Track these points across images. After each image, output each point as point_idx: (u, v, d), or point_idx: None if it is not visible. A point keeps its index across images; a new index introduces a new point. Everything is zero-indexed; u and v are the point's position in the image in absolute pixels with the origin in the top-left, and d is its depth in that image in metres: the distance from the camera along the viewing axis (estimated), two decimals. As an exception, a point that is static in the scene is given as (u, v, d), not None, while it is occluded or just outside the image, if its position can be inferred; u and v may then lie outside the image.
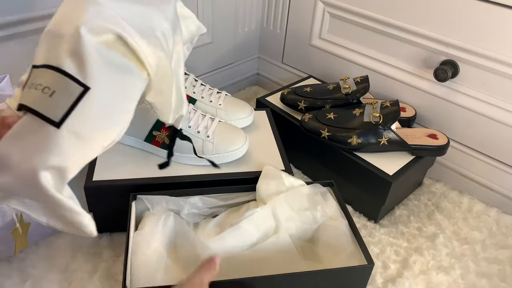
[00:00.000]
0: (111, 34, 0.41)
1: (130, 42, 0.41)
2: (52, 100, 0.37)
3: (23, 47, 0.80)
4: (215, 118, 0.79)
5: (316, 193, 0.74)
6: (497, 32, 0.81)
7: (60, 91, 0.37)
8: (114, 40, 0.41)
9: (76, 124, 0.37)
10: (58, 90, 0.37)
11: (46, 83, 0.37)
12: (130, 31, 0.41)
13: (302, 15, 1.12)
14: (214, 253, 0.64)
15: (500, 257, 0.81)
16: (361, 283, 0.66)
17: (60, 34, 0.40)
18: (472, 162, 0.93)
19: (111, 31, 0.41)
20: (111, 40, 0.41)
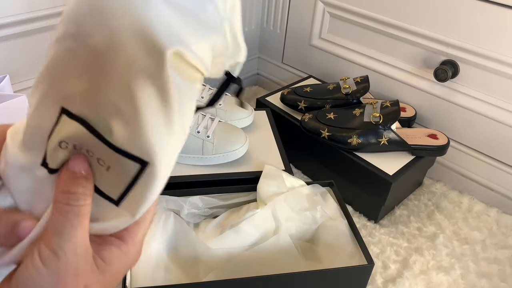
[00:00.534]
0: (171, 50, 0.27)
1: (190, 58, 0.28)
2: (109, 175, 0.29)
3: (23, 47, 0.80)
4: (215, 118, 0.79)
5: (316, 193, 0.74)
6: (497, 32, 0.81)
7: (115, 167, 0.29)
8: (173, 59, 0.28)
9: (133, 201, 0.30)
10: (113, 166, 0.29)
11: (97, 153, 0.28)
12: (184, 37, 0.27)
13: (302, 15, 1.12)
14: (215, 253, 0.64)
15: (500, 257, 0.80)
16: (361, 283, 0.66)
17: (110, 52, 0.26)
18: (472, 162, 0.93)
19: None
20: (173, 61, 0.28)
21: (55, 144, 0.29)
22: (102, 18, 0.26)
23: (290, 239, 0.67)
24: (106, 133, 0.27)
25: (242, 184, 0.74)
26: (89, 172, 0.29)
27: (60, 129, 0.28)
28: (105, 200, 0.30)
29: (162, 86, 0.26)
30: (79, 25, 0.27)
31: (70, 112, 0.28)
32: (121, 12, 0.26)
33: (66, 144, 0.28)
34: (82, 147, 0.29)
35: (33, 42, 0.81)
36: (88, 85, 0.27)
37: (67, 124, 0.28)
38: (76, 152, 0.29)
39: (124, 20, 0.26)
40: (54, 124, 0.28)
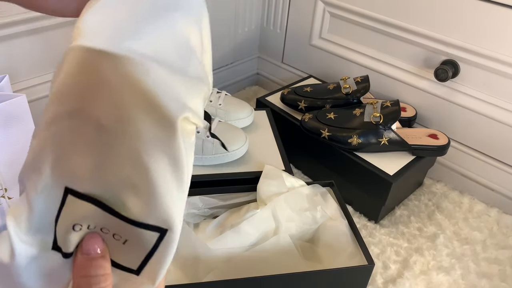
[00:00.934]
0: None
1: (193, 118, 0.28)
2: (126, 248, 0.28)
3: (23, 47, 0.80)
4: (215, 118, 0.79)
5: (316, 194, 0.74)
6: (498, 32, 0.81)
7: (132, 239, 0.28)
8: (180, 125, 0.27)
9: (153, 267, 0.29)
10: (131, 239, 0.28)
11: (112, 229, 0.27)
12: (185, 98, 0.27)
13: (302, 15, 1.12)
14: (215, 253, 0.64)
15: (500, 257, 0.80)
16: (361, 283, 0.66)
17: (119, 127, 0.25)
18: (473, 162, 0.93)
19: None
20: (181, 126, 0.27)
21: (66, 227, 0.27)
22: (105, 92, 0.25)
23: (290, 239, 0.67)
24: (121, 208, 0.27)
25: (242, 184, 0.74)
26: (106, 250, 0.28)
27: (69, 211, 0.27)
28: (125, 272, 0.29)
29: (174, 154, 0.26)
30: (79, 101, 0.25)
31: (77, 192, 0.26)
32: (123, 83, 0.25)
33: (80, 226, 0.27)
34: (97, 226, 0.28)
35: (33, 42, 0.81)
36: (95, 161, 0.26)
37: (76, 204, 0.27)
38: (90, 231, 0.28)
39: (129, 93, 0.25)
40: (59, 206, 0.27)
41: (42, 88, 0.86)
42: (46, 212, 0.27)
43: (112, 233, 0.28)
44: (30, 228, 0.27)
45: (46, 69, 0.85)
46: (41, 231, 0.27)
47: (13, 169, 0.64)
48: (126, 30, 0.26)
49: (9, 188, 0.64)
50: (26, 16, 0.77)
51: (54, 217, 0.27)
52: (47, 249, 0.28)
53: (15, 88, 0.81)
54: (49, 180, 0.26)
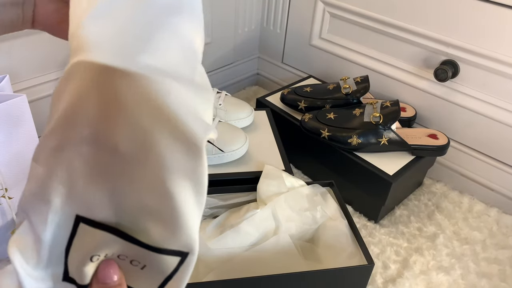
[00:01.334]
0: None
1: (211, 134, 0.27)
2: (144, 273, 0.27)
3: (23, 47, 0.80)
4: (215, 118, 0.79)
5: (316, 194, 0.74)
6: (497, 32, 0.81)
7: (151, 265, 0.26)
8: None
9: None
10: (150, 264, 0.26)
11: (131, 255, 0.26)
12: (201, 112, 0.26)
13: (302, 15, 1.12)
14: (215, 253, 0.64)
15: (500, 257, 0.80)
16: (361, 283, 0.66)
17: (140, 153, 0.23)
18: (472, 162, 0.93)
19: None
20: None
21: (82, 258, 0.26)
22: (123, 116, 0.22)
23: (290, 239, 0.67)
24: (141, 235, 0.25)
25: (242, 184, 0.74)
26: (122, 277, 0.27)
27: (83, 241, 0.25)
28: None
29: (198, 178, 0.25)
30: (93, 126, 0.23)
31: (90, 220, 0.25)
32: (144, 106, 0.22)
33: (98, 256, 0.26)
34: (114, 253, 0.26)
35: (33, 42, 0.81)
36: (112, 189, 0.24)
37: (90, 233, 0.25)
38: (106, 258, 0.26)
39: (150, 116, 0.22)
40: (70, 235, 0.25)
41: (42, 88, 0.86)
42: (55, 243, 0.25)
43: (130, 260, 0.26)
44: (39, 261, 0.25)
45: (46, 69, 0.86)
46: (51, 264, 0.26)
47: (13, 169, 0.64)
48: (135, 39, 0.23)
49: (9, 188, 0.65)
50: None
51: (64, 248, 0.26)
52: (58, 281, 0.27)
53: (15, 88, 0.81)
54: (59, 210, 0.24)
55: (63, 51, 0.86)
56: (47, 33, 0.32)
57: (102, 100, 0.22)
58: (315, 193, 0.74)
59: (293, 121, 0.94)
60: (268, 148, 0.84)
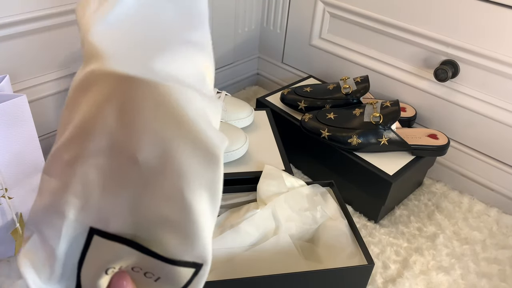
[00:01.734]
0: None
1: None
2: (157, 285, 0.27)
3: (23, 47, 0.80)
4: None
5: (316, 193, 0.74)
6: (497, 32, 0.81)
7: (166, 277, 0.26)
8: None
9: None
10: (164, 276, 0.26)
11: (145, 267, 0.26)
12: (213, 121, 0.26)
13: (302, 15, 1.12)
14: (214, 253, 0.64)
15: (500, 257, 0.80)
16: (361, 283, 0.66)
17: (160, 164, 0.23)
18: (472, 162, 0.93)
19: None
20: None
21: (97, 271, 0.25)
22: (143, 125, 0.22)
23: (290, 239, 0.67)
24: (157, 246, 0.25)
25: (242, 184, 0.74)
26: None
27: (97, 253, 0.25)
28: None
29: (215, 189, 0.24)
30: (112, 137, 0.22)
31: (105, 232, 0.24)
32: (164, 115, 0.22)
33: (113, 269, 0.25)
34: (128, 265, 0.26)
35: (33, 42, 0.81)
36: (129, 200, 0.24)
37: (104, 245, 0.24)
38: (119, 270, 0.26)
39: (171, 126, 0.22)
40: (83, 248, 0.25)
41: (42, 88, 0.86)
42: (68, 256, 0.25)
43: (144, 272, 0.26)
44: (52, 276, 0.25)
45: (46, 69, 0.86)
46: (64, 278, 0.25)
47: (13, 169, 0.64)
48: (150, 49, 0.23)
49: (9, 188, 0.65)
50: (26, 16, 0.77)
51: (77, 261, 0.25)
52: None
53: (15, 88, 0.81)
54: (72, 223, 0.24)
55: (63, 51, 0.86)
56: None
57: (121, 109, 0.22)
58: (315, 193, 0.74)
59: (293, 121, 0.94)
60: (268, 148, 0.84)
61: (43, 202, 0.24)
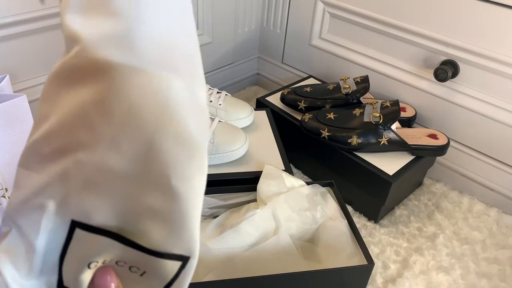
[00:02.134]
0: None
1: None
2: (144, 280, 0.26)
3: (23, 47, 0.80)
4: (215, 118, 0.79)
5: (316, 193, 0.74)
6: (497, 32, 0.81)
7: (152, 271, 0.25)
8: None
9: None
10: (150, 270, 0.25)
11: (130, 261, 0.25)
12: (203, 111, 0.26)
13: (302, 15, 1.12)
14: (214, 253, 0.64)
15: (500, 257, 0.80)
16: (361, 283, 0.66)
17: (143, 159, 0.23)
18: (472, 162, 0.93)
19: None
20: None
21: (79, 266, 0.24)
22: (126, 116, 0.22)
23: (290, 239, 0.67)
24: (141, 239, 0.24)
25: (242, 184, 0.74)
26: (120, 285, 0.26)
27: (79, 247, 0.24)
28: None
29: (201, 179, 0.24)
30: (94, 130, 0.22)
31: (87, 225, 0.23)
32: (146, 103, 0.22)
33: (96, 263, 0.25)
34: (112, 259, 0.25)
35: (33, 42, 0.81)
36: (114, 191, 0.23)
37: (86, 239, 0.24)
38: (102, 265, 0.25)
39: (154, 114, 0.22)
40: (65, 242, 0.24)
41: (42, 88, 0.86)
42: (49, 250, 0.24)
43: (129, 266, 0.25)
44: (31, 270, 0.24)
45: (46, 69, 0.86)
46: (44, 273, 0.24)
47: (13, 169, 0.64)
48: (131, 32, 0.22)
49: (9, 188, 0.65)
50: (26, 16, 0.77)
51: (58, 255, 0.24)
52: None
53: (16, 88, 0.81)
54: (53, 216, 0.23)
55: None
56: None
57: (103, 99, 0.22)
58: (315, 193, 0.74)
59: (293, 121, 0.94)
60: (268, 148, 0.84)
61: (20, 196, 0.23)
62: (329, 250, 0.67)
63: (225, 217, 0.71)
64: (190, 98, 0.24)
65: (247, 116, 0.87)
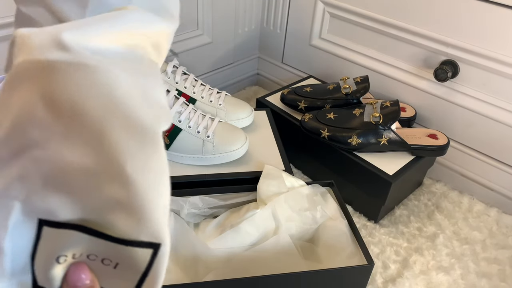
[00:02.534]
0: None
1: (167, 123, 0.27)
2: (118, 272, 0.26)
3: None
4: (215, 118, 0.79)
5: (316, 193, 0.74)
6: (497, 32, 0.81)
7: (124, 262, 0.25)
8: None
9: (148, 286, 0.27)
10: (122, 261, 0.25)
11: (101, 253, 0.25)
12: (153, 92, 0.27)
13: (302, 15, 1.12)
14: (214, 253, 0.64)
15: (500, 257, 0.80)
16: (361, 283, 0.66)
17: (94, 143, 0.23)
18: (472, 162, 0.93)
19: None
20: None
21: (48, 262, 0.24)
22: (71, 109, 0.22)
23: (290, 239, 0.67)
24: (108, 228, 0.24)
25: (242, 184, 0.74)
26: (94, 279, 0.26)
27: (48, 244, 0.24)
28: None
29: (160, 167, 0.25)
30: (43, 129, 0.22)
31: (54, 222, 0.23)
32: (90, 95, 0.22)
33: (64, 257, 0.25)
34: (82, 253, 0.25)
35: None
36: (72, 186, 0.23)
37: (55, 235, 0.24)
38: (75, 261, 0.25)
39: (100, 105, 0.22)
40: (34, 241, 0.24)
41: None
42: (19, 250, 0.24)
43: (101, 259, 0.25)
44: (3, 273, 0.24)
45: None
46: (16, 274, 0.24)
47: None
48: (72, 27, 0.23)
49: None
50: (26, 16, 0.77)
51: (29, 255, 0.24)
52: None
53: (15, 88, 0.81)
54: (19, 217, 0.23)
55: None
56: None
57: (49, 97, 0.22)
58: (315, 193, 0.74)
59: (293, 121, 0.94)
60: (268, 148, 0.84)
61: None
62: (329, 250, 0.67)
63: (225, 217, 0.71)
64: (138, 89, 0.24)
65: (247, 116, 0.87)
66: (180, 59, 1.04)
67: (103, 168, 0.23)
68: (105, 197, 0.23)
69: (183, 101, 0.77)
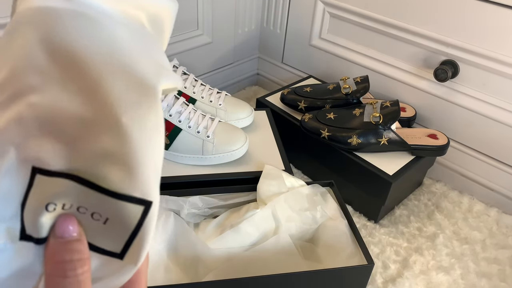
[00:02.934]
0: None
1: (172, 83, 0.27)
2: (107, 229, 0.25)
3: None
4: (215, 118, 0.80)
5: (316, 193, 0.74)
6: (498, 32, 0.81)
7: (115, 217, 0.25)
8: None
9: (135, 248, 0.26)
10: (112, 217, 0.25)
11: (91, 206, 0.25)
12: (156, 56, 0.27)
13: (302, 15, 1.12)
14: (214, 253, 0.64)
15: (500, 257, 0.80)
16: (361, 283, 0.66)
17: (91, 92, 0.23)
18: (472, 162, 0.93)
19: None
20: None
21: (38, 209, 0.24)
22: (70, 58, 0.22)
23: (290, 239, 0.67)
24: (101, 180, 0.24)
25: (242, 184, 0.74)
26: (82, 232, 0.25)
27: (40, 191, 0.24)
28: (106, 256, 0.26)
29: (156, 121, 0.24)
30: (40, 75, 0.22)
31: (47, 170, 0.23)
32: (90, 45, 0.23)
33: (54, 206, 0.24)
34: (73, 205, 0.25)
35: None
36: (67, 135, 0.23)
37: (47, 183, 0.24)
38: (64, 212, 0.25)
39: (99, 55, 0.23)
40: (26, 188, 0.24)
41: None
42: (10, 197, 0.24)
43: (91, 212, 0.25)
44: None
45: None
46: (5, 219, 0.24)
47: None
48: None
49: None
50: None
51: (19, 202, 0.24)
52: (15, 240, 0.25)
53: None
54: (13, 162, 0.23)
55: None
56: None
57: (49, 45, 0.22)
58: (315, 193, 0.74)
59: (293, 121, 0.94)
60: (268, 148, 0.84)
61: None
62: (329, 250, 0.67)
63: (225, 217, 0.71)
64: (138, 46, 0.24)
65: (247, 116, 0.87)
66: (180, 59, 1.04)
67: (99, 117, 0.23)
68: (98, 147, 0.23)
69: (183, 101, 0.77)
